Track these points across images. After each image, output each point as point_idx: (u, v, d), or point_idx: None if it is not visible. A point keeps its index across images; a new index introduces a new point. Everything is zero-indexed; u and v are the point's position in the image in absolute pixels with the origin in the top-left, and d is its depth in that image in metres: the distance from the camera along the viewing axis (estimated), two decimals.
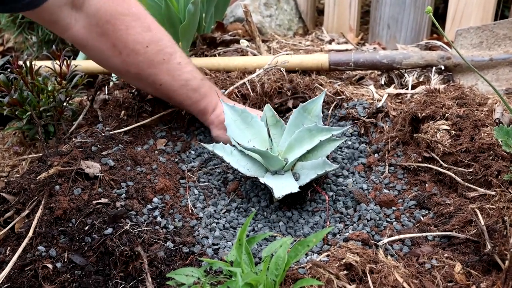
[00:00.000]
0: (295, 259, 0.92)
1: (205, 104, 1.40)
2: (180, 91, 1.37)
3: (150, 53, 1.30)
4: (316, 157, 1.23)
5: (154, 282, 0.97)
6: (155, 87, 1.37)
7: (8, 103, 1.42)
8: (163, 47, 1.33)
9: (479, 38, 1.69)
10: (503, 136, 1.06)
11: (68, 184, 1.13)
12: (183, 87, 1.37)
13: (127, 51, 1.29)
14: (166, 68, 1.33)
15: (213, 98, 1.41)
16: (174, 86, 1.36)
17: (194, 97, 1.39)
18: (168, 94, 1.40)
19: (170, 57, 1.34)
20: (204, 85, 1.40)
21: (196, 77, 1.39)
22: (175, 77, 1.35)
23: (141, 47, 1.29)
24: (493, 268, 0.94)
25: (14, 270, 0.99)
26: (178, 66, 1.35)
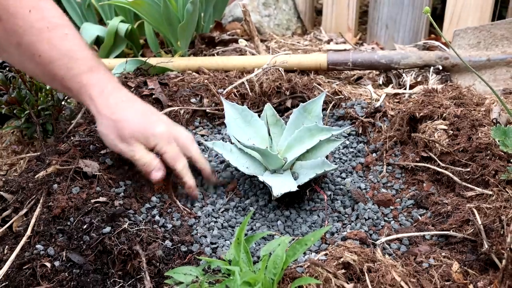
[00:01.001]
0: (293, 258, 0.92)
1: (89, 79, 1.13)
2: (60, 62, 1.12)
3: (32, 18, 1.10)
4: (315, 156, 1.24)
5: (153, 281, 0.97)
6: (35, 61, 1.12)
7: (6, 101, 1.42)
8: (50, 16, 1.13)
9: (477, 38, 1.69)
10: (500, 136, 1.06)
11: (66, 182, 1.13)
12: (64, 57, 1.12)
13: (7, 15, 1.09)
14: (48, 36, 1.11)
15: (104, 78, 1.15)
16: (54, 56, 1.12)
17: (76, 67, 1.12)
18: (49, 69, 1.13)
19: (56, 26, 1.12)
20: (93, 60, 1.16)
21: (84, 50, 1.15)
22: (57, 46, 1.12)
23: (21, 11, 1.10)
24: (490, 267, 0.94)
25: (12, 269, 0.99)
26: (64, 36, 1.13)
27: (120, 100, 1.14)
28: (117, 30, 1.92)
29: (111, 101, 1.14)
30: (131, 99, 1.19)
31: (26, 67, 1.20)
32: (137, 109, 1.17)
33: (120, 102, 1.14)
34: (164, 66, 1.73)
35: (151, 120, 1.17)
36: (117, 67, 1.69)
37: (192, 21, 1.80)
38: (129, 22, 2.00)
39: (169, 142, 1.17)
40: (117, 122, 1.12)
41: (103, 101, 1.13)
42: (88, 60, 1.14)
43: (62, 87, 1.17)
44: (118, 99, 1.14)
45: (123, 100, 1.15)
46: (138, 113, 1.16)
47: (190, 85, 1.61)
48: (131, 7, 1.78)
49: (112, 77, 1.18)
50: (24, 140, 1.55)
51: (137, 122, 1.14)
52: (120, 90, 1.18)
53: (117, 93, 1.16)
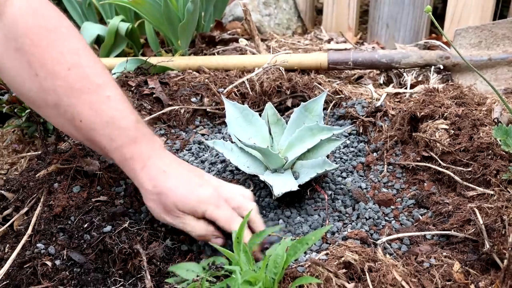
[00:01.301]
0: (294, 257, 0.92)
1: (132, 154, 1.04)
2: (102, 131, 1.03)
3: (72, 77, 1.00)
4: (316, 156, 1.23)
5: (153, 280, 0.97)
6: (75, 125, 1.03)
7: (7, 100, 1.42)
8: (91, 74, 1.03)
9: (478, 37, 1.69)
10: (502, 135, 1.06)
11: (67, 181, 1.13)
12: (107, 125, 1.02)
13: (45, 72, 1.00)
14: (89, 99, 1.01)
15: (146, 148, 1.05)
16: (96, 123, 1.02)
17: (119, 140, 1.03)
18: (89, 134, 1.03)
19: (98, 88, 1.02)
20: (137, 129, 1.05)
21: (127, 117, 1.05)
22: (99, 112, 1.02)
23: (61, 69, 1.00)
24: (491, 267, 0.94)
25: (13, 267, 0.99)
26: (106, 99, 1.03)
27: (162, 170, 1.04)
28: (118, 29, 1.92)
29: (153, 172, 1.04)
30: (173, 165, 1.08)
31: (64, 128, 1.09)
32: (180, 176, 1.06)
33: (162, 172, 1.04)
34: (165, 65, 1.73)
35: (195, 185, 1.05)
36: (118, 66, 1.69)
37: (193, 20, 1.79)
38: (130, 21, 2.00)
39: (218, 205, 1.04)
40: (160, 195, 1.03)
41: (146, 175, 1.04)
42: (131, 130, 1.05)
43: (102, 152, 1.10)
44: (159, 169, 1.04)
45: (164, 170, 1.04)
46: (180, 181, 1.05)
47: (190, 84, 1.61)
48: (132, 6, 1.78)
49: (154, 144, 1.08)
50: (24, 139, 1.55)
51: (180, 191, 1.03)
52: (162, 157, 1.07)
53: (159, 163, 1.06)
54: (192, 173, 1.09)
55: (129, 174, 1.07)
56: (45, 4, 1.04)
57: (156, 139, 1.09)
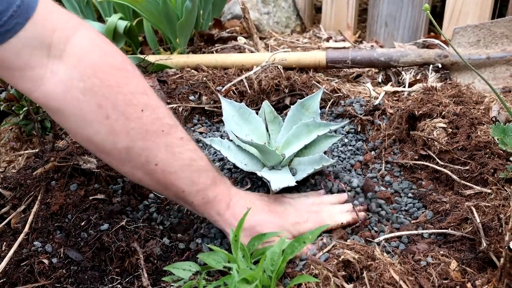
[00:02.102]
0: (291, 256, 0.92)
1: (215, 194, 1.02)
2: (181, 174, 0.99)
3: (146, 120, 0.95)
4: (313, 152, 1.23)
5: (150, 278, 0.97)
6: (149, 169, 0.97)
7: (5, 98, 1.42)
8: (162, 116, 0.98)
9: (477, 36, 1.69)
10: (500, 134, 1.06)
11: (64, 179, 1.13)
12: (186, 168, 0.99)
13: (116, 114, 0.92)
14: (165, 142, 0.97)
15: (225, 188, 1.05)
16: (175, 166, 0.98)
17: (201, 182, 1.00)
18: (167, 178, 0.99)
19: (170, 129, 0.98)
20: (212, 169, 1.04)
21: (202, 158, 1.02)
22: (176, 155, 0.98)
23: (134, 111, 0.94)
24: (488, 265, 0.94)
25: (10, 265, 0.99)
26: (180, 141, 0.99)
27: (245, 207, 1.03)
28: (116, 27, 1.91)
29: (238, 211, 1.02)
30: (253, 200, 1.08)
31: (133, 174, 1.01)
32: (263, 210, 1.07)
33: (246, 208, 1.01)
34: (163, 63, 1.73)
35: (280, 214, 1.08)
36: None
37: (191, 19, 1.79)
38: (128, 19, 2.00)
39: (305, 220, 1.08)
40: (253, 228, 1.02)
41: (232, 214, 1.03)
42: (210, 171, 1.03)
43: (177, 198, 1.03)
44: (243, 207, 1.03)
45: (248, 206, 1.03)
46: (266, 213, 1.07)
47: (188, 83, 1.60)
48: (130, 4, 1.78)
49: (227, 183, 1.07)
50: (22, 137, 1.55)
51: (274, 221, 1.05)
52: (241, 196, 1.08)
53: (241, 202, 1.05)
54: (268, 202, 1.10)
55: (211, 217, 1.04)
56: (107, 41, 0.97)
57: (225, 178, 1.09)
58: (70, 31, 0.91)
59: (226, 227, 1.03)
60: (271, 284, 0.88)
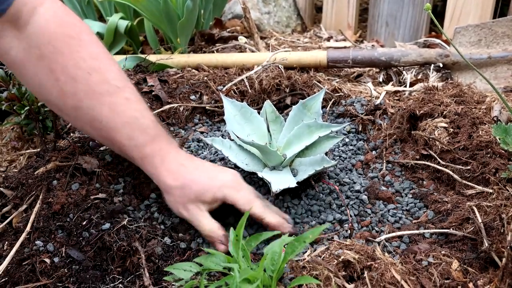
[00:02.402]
0: (292, 255, 0.92)
1: (151, 150, 1.09)
2: (122, 130, 1.08)
3: (92, 81, 1.06)
4: (314, 153, 1.23)
5: (152, 278, 0.97)
6: (95, 126, 1.09)
7: (6, 98, 1.42)
8: (110, 78, 1.08)
9: (478, 36, 1.69)
10: (501, 134, 1.06)
11: (66, 179, 1.13)
12: (127, 125, 1.08)
13: (65, 77, 1.05)
14: (109, 101, 1.07)
15: (165, 145, 1.11)
16: (117, 123, 1.08)
17: (139, 138, 1.09)
18: (110, 135, 1.09)
19: (117, 90, 1.08)
20: (156, 128, 1.12)
21: (146, 117, 1.11)
22: (119, 113, 1.08)
23: (82, 74, 1.05)
24: (490, 265, 0.94)
25: (12, 265, 0.99)
26: (125, 101, 1.09)
27: (180, 163, 1.10)
28: (117, 27, 1.91)
29: (173, 166, 1.09)
30: (190, 159, 1.14)
31: (82, 128, 1.15)
32: (198, 168, 1.12)
33: (181, 165, 1.10)
34: (164, 63, 1.73)
35: (215, 172, 1.12)
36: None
37: (192, 18, 1.79)
38: (129, 19, 2.00)
39: (238, 189, 1.10)
40: (183, 188, 1.08)
41: (166, 169, 1.09)
42: (151, 129, 1.11)
43: (121, 152, 1.14)
44: (178, 163, 1.10)
45: (183, 163, 1.10)
46: (200, 172, 1.11)
47: (189, 82, 1.60)
48: (131, 3, 1.78)
49: (171, 143, 1.14)
50: (23, 137, 1.55)
51: (202, 181, 1.09)
52: (179, 154, 1.13)
53: (177, 157, 1.11)
54: (211, 165, 1.15)
55: (148, 171, 1.11)
56: (69, 13, 1.10)
57: (172, 138, 1.16)
58: (37, 3, 1.05)
59: (160, 182, 1.10)
60: (272, 284, 0.88)
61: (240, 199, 1.08)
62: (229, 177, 1.11)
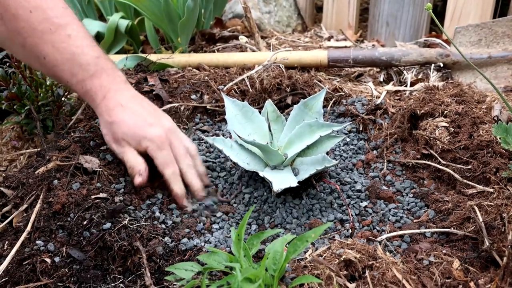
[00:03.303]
0: (293, 254, 0.92)
1: (92, 86, 1.16)
2: (64, 66, 1.15)
3: (34, 20, 1.11)
4: (315, 153, 1.23)
5: (153, 277, 0.97)
6: (40, 62, 1.16)
7: (7, 97, 1.42)
8: (52, 16, 1.13)
9: (478, 35, 1.69)
10: (502, 133, 1.06)
11: (66, 178, 1.13)
12: (67, 61, 1.15)
13: (8, 15, 1.11)
14: (51, 39, 1.13)
15: (106, 82, 1.18)
16: (58, 60, 1.14)
17: (79, 74, 1.16)
18: (53, 71, 1.17)
19: (58, 27, 1.13)
20: (97, 64, 1.17)
21: (87, 53, 1.16)
22: (60, 50, 1.14)
23: (23, 12, 1.11)
24: (491, 264, 0.94)
25: (12, 264, 0.99)
26: (66, 38, 1.14)
27: (119, 103, 1.17)
28: (118, 26, 1.91)
29: (111, 104, 1.16)
30: (132, 101, 1.19)
31: (32, 65, 1.27)
32: (134, 112, 1.18)
33: (119, 105, 1.16)
34: (165, 62, 1.73)
35: (146, 123, 1.17)
36: (117, 63, 1.68)
37: (193, 18, 1.79)
38: (130, 18, 2.00)
39: (160, 147, 1.16)
40: (112, 124, 1.16)
41: (104, 106, 1.17)
42: (91, 65, 1.16)
43: (67, 86, 1.26)
44: (117, 102, 1.17)
45: (122, 104, 1.17)
46: (133, 115, 1.17)
47: (190, 82, 1.60)
48: (132, 3, 1.78)
49: (114, 79, 1.19)
50: (24, 136, 1.55)
51: (130, 124, 1.16)
52: (122, 91, 1.19)
53: (118, 96, 1.17)
54: (149, 111, 1.20)
55: (89, 103, 1.21)
56: None
57: (117, 74, 1.21)
58: None
59: (99, 116, 1.19)
60: (273, 283, 0.88)
61: (158, 158, 1.15)
62: (157, 133, 1.16)
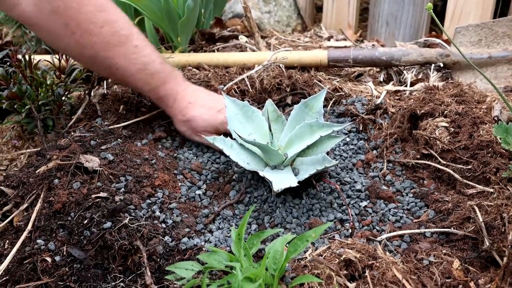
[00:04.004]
0: (294, 254, 0.92)
1: (164, 92, 1.34)
2: (137, 76, 1.30)
3: (105, 34, 1.23)
4: (316, 153, 1.23)
5: (153, 276, 0.97)
6: (111, 72, 1.30)
7: (7, 96, 1.42)
8: (119, 28, 1.26)
9: (478, 35, 1.69)
10: (502, 133, 1.06)
11: (67, 178, 1.13)
12: (140, 71, 1.30)
13: (80, 31, 1.21)
14: (123, 51, 1.26)
15: (174, 85, 1.36)
16: (131, 70, 1.29)
17: (152, 83, 1.32)
18: (126, 79, 1.33)
19: (126, 39, 1.27)
20: (164, 70, 1.34)
21: (154, 61, 1.32)
22: (132, 61, 1.28)
23: (94, 28, 1.22)
24: (491, 264, 0.94)
25: (13, 263, 0.99)
26: (135, 49, 1.28)
27: (188, 102, 1.35)
28: None
29: (182, 105, 1.35)
30: (195, 95, 1.37)
31: (102, 74, 1.42)
32: (202, 105, 1.35)
33: (188, 104, 1.35)
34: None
35: (215, 110, 1.35)
36: None
37: (193, 17, 1.79)
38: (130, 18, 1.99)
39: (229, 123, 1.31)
40: (189, 122, 1.35)
41: (177, 107, 1.35)
42: (161, 73, 1.33)
43: (139, 92, 1.42)
44: (186, 101, 1.35)
45: (190, 102, 1.35)
46: (203, 108, 1.35)
47: (190, 81, 1.60)
48: (132, 2, 1.78)
49: (178, 81, 1.37)
50: (24, 135, 1.55)
51: (205, 117, 1.34)
52: (186, 91, 1.37)
53: (186, 95, 1.35)
54: (210, 99, 1.38)
55: (163, 108, 1.39)
56: None
57: (178, 74, 1.39)
58: None
59: (173, 117, 1.39)
60: (273, 283, 0.88)
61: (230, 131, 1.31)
62: (224, 119, 1.31)
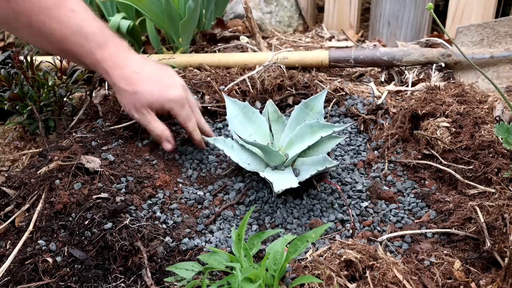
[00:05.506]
0: (294, 255, 0.92)
1: (102, 56, 1.22)
2: (72, 39, 1.20)
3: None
4: (316, 153, 1.23)
5: (154, 277, 0.97)
6: (49, 39, 1.20)
7: (9, 97, 1.42)
8: None
9: (480, 35, 1.69)
10: (504, 133, 1.06)
11: (68, 178, 1.13)
12: (74, 34, 1.20)
13: None
14: (57, 14, 1.18)
15: (115, 51, 1.24)
16: (66, 34, 1.19)
17: (87, 45, 1.21)
18: (63, 47, 1.21)
19: (63, 3, 1.18)
20: (103, 34, 1.23)
21: (92, 25, 1.22)
22: (66, 23, 1.18)
23: None
24: (492, 265, 0.94)
25: (14, 264, 1.00)
26: (72, 13, 1.19)
27: (133, 71, 1.23)
28: (119, 27, 1.91)
29: (126, 73, 1.23)
30: (142, 65, 1.26)
31: (40, 45, 1.29)
32: (151, 77, 1.25)
33: (134, 73, 1.23)
34: (166, 62, 1.73)
35: (165, 85, 1.26)
36: None
37: (194, 18, 1.79)
38: (131, 19, 2.00)
39: (182, 105, 1.27)
40: (134, 94, 1.23)
41: (118, 74, 1.23)
42: (98, 36, 1.22)
43: (77, 61, 1.30)
44: (131, 70, 1.23)
45: (135, 71, 1.24)
46: (152, 81, 1.25)
47: (191, 82, 1.60)
48: (133, 3, 1.78)
49: (121, 47, 1.25)
50: (26, 136, 1.55)
51: (153, 92, 1.24)
52: (131, 59, 1.26)
53: (130, 64, 1.24)
54: (162, 73, 1.29)
55: (101, 74, 1.25)
56: None
57: (122, 41, 1.27)
58: None
59: (113, 84, 1.25)
60: (274, 283, 0.88)
61: (181, 114, 1.27)
62: (178, 92, 1.26)
